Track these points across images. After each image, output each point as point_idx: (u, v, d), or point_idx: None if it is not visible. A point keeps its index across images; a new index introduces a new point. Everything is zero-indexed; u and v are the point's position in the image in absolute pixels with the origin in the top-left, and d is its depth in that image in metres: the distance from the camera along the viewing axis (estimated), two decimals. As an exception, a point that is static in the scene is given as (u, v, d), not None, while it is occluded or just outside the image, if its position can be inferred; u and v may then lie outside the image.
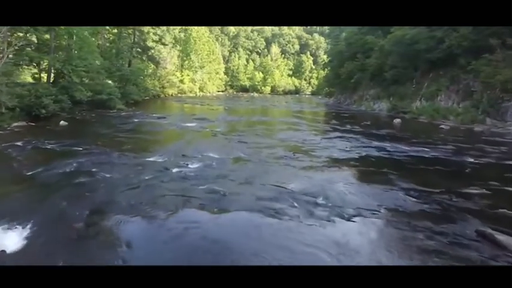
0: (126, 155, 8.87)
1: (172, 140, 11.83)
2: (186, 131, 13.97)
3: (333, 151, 10.23)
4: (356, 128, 16.55)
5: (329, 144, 11.47)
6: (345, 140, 12.57)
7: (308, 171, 7.84)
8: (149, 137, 12.09)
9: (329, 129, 15.82)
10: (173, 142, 11.34)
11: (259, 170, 7.75)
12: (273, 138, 12.64)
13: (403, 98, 25.98)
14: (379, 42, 30.10)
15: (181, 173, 7.31)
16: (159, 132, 13.31)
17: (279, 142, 11.66)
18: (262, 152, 9.70)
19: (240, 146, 10.54)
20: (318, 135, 13.70)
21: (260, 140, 11.95)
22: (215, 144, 10.91)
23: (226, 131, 14.00)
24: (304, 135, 13.52)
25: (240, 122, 17.84)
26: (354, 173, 7.88)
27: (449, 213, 5.29)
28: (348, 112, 27.07)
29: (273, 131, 14.58)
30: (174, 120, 17.82)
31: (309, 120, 19.91)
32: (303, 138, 12.77)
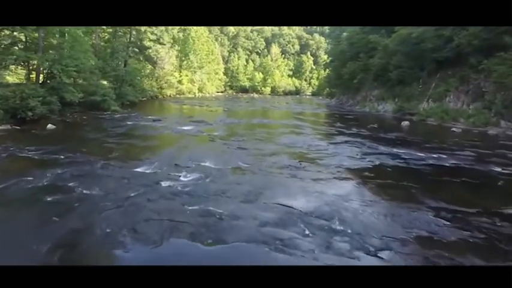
0: (112, 165, 7.89)
1: (165, 146, 10.85)
2: (181, 135, 12.99)
3: (343, 159, 9.24)
4: (363, 131, 15.57)
5: (337, 151, 10.50)
6: (353, 145, 11.60)
7: (317, 184, 6.86)
8: (141, 142, 11.11)
9: (334, 133, 14.84)
10: (166, 149, 10.36)
11: (261, 184, 6.76)
12: (276, 143, 11.67)
13: (409, 99, 25.02)
14: (383, 41, 29.15)
15: (171, 187, 6.33)
16: (152, 137, 12.33)
17: (283, 148, 10.68)
18: (264, 161, 8.72)
19: (239, 153, 9.57)
20: (323, 140, 12.73)
21: (262, 146, 10.98)
22: (212, 151, 9.93)
23: (224, 135, 13.02)
24: (309, 140, 12.55)
25: (239, 125, 16.87)
26: (370, 186, 6.90)
27: (497, 244, 4.32)
28: (351, 114, 26.11)
29: (275, 135, 13.60)
30: (170, 123, 16.84)
31: (312, 123, 18.95)
32: (308, 143, 11.80)
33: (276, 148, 10.68)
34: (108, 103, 21.93)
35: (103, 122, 16.24)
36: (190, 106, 30.77)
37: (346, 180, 7.27)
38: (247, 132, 14.27)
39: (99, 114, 20.00)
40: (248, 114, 24.91)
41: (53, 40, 18.58)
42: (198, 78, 56.20)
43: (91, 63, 22.53)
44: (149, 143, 10.94)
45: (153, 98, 39.03)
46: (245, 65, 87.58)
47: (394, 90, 27.35)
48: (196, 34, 58.03)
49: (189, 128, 14.97)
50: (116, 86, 28.04)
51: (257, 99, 52.02)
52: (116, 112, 21.37)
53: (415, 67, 25.47)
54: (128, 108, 24.28)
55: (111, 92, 23.16)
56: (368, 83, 32.56)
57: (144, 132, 13.39)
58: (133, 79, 31.72)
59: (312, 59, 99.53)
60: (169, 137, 12.70)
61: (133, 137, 12.16)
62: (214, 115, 22.60)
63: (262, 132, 14.50)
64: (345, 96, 38.50)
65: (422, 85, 24.73)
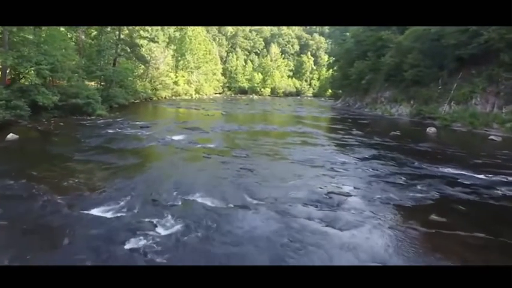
0: (59, 201, 5.41)
1: (146, 166, 8.32)
2: (170, 148, 10.46)
3: (386, 188, 6.74)
4: (387, 140, 13.12)
5: (371, 172, 8.01)
6: (386, 162, 9.12)
7: (373, 245, 4.36)
8: (116, 160, 8.58)
9: (355, 143, 12.37)
10: (146, 171, 7.83)
11: (283, 243, 4.26)
12: (289, 160, 9.17)
13: (427, 102, 22.61)
14: (395, 38, 26.77)
15: (137, 253, 3.83)
16: (133, 152, 9.81)
17: (300, 169, 8.18)
18: (280, 193, 6.21)
19: (244, 180, 7.05)
20: (346, 154, 10.24)
21: (272, 166, 8.49)
22: (207, 175, 7.41)
23: (223, 149, 10.51)
24: (329, 154, 10.07)
25: (240, 134, 14.36)
26: (451, 244, 4.41)
27: None
28: (363, 117, 23.66)
29: (286, 148, 11.11)
30: (160, 130, 14.32)
31: (324, 130, 16.47)
32: (330, 159, 9.32)
33: (290, 168, 8.18)
34: (92, 107, 19.42)
35: (80, 130, 13.71)
36: (185, 109, 28.22)
37: (412, 231, 4.75)
38: (250, 143, 11.76)
39: (81, 119, 17.52)
40: (249, 118, 22.39)
41: (27, 35, 16.05)
42: (195, 79, 53.62)
43: (72, 62, 20.02)
44: (126, 162, 8.40)
45: (147, 100, 36.47)
46: (244, 66, 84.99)
47: (409, 92, 24.94)
48: (193, 33, 55.45)
49: (181, 137, 12.46)
50: (103, 87, 25.53)
51: (257, 101, 49.49)
52: (101, 117, 18.86)
53: (433, 66, 23.09)
54: (116, 112, 21.78)
55: (96, 94, 20.60)
56: (378, 84, 30.15)
57: (125, 144, 10.85)
58: (124, 80, 29.17)
59: (312, 59, 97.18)
60: (154, 151, 10.16)
61: (109, 152, 9.62)
62: (211, 120, 20.07)
63: (268, 143, 11.99)
64: (352, 98, 36.07)
65: (442, 86, 22.34)
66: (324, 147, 11.50)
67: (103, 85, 26.87)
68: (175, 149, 10.24)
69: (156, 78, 41.96)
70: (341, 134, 14.73)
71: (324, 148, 11.37)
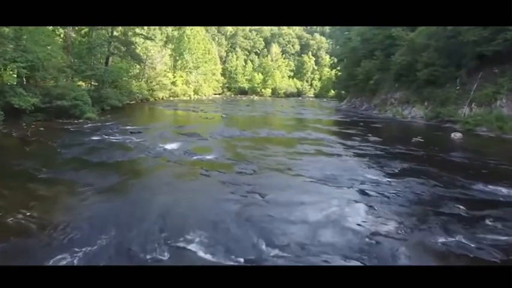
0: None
1: (127, 189, 6.54)
2: (161, 161, 8.73)
3: (450, 227, 4.96)
4: (413, 149, 11.41)
5: (415, 198, 6.28)
6: (427, 181, 7.36)
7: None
8: (91, 178, 6.84)
9: (377, 153, 10.66)
10: (125, 197, 6.07)
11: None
12: (306, 177, 7.44)
13: (443, 103, 20.89)
14: (407, 35, 25.06)
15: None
16: (115, 166, 8.07)
17: (322, 191, 6.46)
18: (303, 231, 4.51)
19: (253, 211, 5.32)
20: (371, 168, 8.50)
21: (286, 186, 6.76)
22: (205, 204, 5.66)
23: (224, 162, 8.77)
24: (352, 169, 8.34)
25: (243, 141, 12.63)
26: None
27: None
28: (374, 120, 21.94)
29: (298, 159, 9.39)
30: (152, 137, 12.60)
31: (336, 135, 14.74)
32: (354, 175, 7.59)
33: (311, 191, 6.45)
34: (80, 109, 17.78)
35: (61, 137, 11.99)
36: (183, 111, 26.49)
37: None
38: (255, 154, 10.04)
39: (66, 123, 15.83)
40: (251, 122, 20.63)
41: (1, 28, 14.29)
42: (193, 79, 51.90)
43: (57, 60, 18.30)
44: (103, 182, 6.64)
45: (143, 101, 34.76)
46: (244, 66, 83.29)
47: (422, 93, 23.23)
48: (191, 32, 53.75)
49: (175, 146, 10.73)
50: (94, 88, 23.80)
51: (258, 102, 47.72)
52: (90, 120, 17.20)
53: (450, 65, 21.40)
54: (107, 114, 20.07)
55: (85, 95, 18.86)
56: (387, 84, 28.45)
57: (108, 155, 9.11)
58: (118, 80, 27.47)
59: (313, 59, 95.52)
60: (141, 166, 8.40)
61: (86, 167, 7.88)
62: (210, 124, 18.33)
63: (277, 153, 10.26)
64: (358, 99, 34.34)
65: (460, 86, 20.63)
66: (343, 159, 9.77)
67: (95, 85, 25.16)
68: (167, 163, 8.50)
69: (153, 79, 40.23)
70: (357, 141, 13.00)
71: (342, 160, 9.64)
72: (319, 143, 12.29)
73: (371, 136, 13.98)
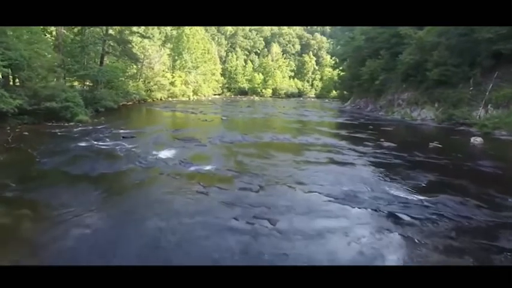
0: None
1: (107, 212, 5.38)
2: (152, 174, 7.60)
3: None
4: (433, 157, 10.30)
5: (466, 225, 5.15)
6: (465, 200, 6.21)
7: None
8: (67, 196, 5.72)
9: (396, 162, 9.54)
10: (103, 224, 4.96)
11: None
12: (321, 194, 6.31)
13: (455, 104, 19.76)
14: (415, 34, 23.92)
15: None
16: (98, 180, 6.94)
17: (343, 214, 5.33)
18: (333, 273, 3.36)
19: (263, 245, 4.19)
20: (394, 181, 7.35)
21: (299, 207, 5.63)
22: (203, 234, 4.50)
23: (225, 174, 7.62)
24: (372, 183, 7.20)
25: (246, 147, 11.50)
26: None
27: None
28: (383, 123, 20.80)
29: (309, 170, 8.25)
30: (145, 142, 11.48)
31: (346, 140, 13.58)
32: (377, 192, 6.47)
33: (329, 214, 5.31)
34: (71, 111, 16.74)
35: (45, 143, 10.90)
36: (181, 113, 25.35)
37: None
38: (260, 163, 8.90)
39: (55, 126, 14.77)
40: (253, 125, 19.49)
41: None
42: (192, 80, 50.71)
43: (47, 59, 17.18)
44: (80, 203, 5.50)
45: (140, 102, 33.62)
46: (244, 66, 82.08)
47: (432, 93, 22.11)
48: (190, 31, 52.60)
49: (170, 154, 9.62)
50: (88, 89, 22.68)
51: (258, 103, 46.56)
52: (81, 123, 16.11)
53: (463, 64, 20.28)
54: (101, 117, 18.97)
55: (76, 96, 17.78)
56: (394, 85, 27.32)
57: (93, 166, 7.98)
58: (114, 80, 26.33)
59: (314, 59, 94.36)
60: (129, 180, 7.24)
61: (64, 181, 6.76)
62: (210, 127, 17.20)
63: (284, 162, 9.13)
64: (363, 100, 33.19)
65: (474, 86, 19.51)
66: (358, 169, 8.64)
67: (90, 86, 24.04)
68: (159, 176, 7.36)
69: (151, 79, 39.08)
70: (369, 147, 11.88)
71: (358, 170, 8.50)
72: (329, 150, 11.16)
73: (384, 141, 12.85)
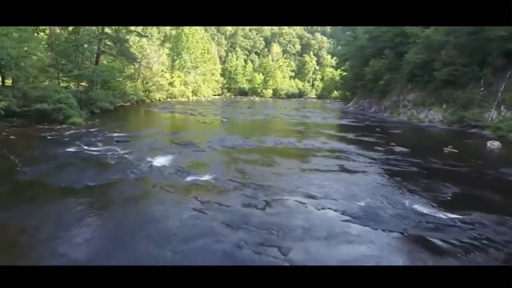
0: None
1: (85, 238, 4.59)
2: (143, 185, 6.78)
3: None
4: (451, 164, 9.51)
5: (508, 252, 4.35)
6: (508, 220, 5.43)
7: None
8: (39, 217, 4.90)
9: (413, 172, 8.74)
10: (79, 254, 4.14)
11: None
12: (337, 212, 5.51)
13: (465, 106, 18.97)
14: (422, 32, 23.11)
15: None
16: (81, 194, 6.11)
17: (367, 237, 4.51)
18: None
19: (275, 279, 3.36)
20: (417, 196, 6.54)
21: (314, 228, 4.81)
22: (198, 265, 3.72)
23: (226, 186, 6.80)
24: (393, 198, 6.38)
25: (248, 153, 10.68)
26: None
27: None
28: (390, 125, 19.99)
29: (320, 180, 7.45)
30: (140, 147, 10.67)
31: (354, 144, 12.72)
32: (401, 210, 5.66)
33: (352, 237, 4.49)
34: (64, 113, 15.94)
35: (30, 148, 10.11)
36: (179, 114, 24.52)
37: None
38: (264, 172, 8.10)
39: (46, 129, 14.01)
40: (255, 127, 18.66)
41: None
42: (192, 80, 49.85)
43: (39, 58, 16.37)
44: (50, 229, 4.67)
45: (138, 103, 32.78)
46: (244, 66, 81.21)
47: (440, 94, 21.32)
48: (190, 31, 51.71)
49: (165, 161, 8.80)
50: (83, 90, 21.84)
51: (259, 104, 45.75)
52: (74, 126, 15.32)
53: (472, 63, 19.48)
54: (95, 119, 18.18)
55: (70, 97, 16.94)
56: (399, 85, 26.51)
57: (78, 177, 7.15)
58: (111, 80, 25.48)
59: (314, 59, 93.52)
60: (115, 194, 6.39)
61: (40, 196, 5.95)
62: (209, 130, 16.38)
63: (291, 171, 8.31)
64: (367, 101, 32.38)
65: (485, 87, 18.72)
66: (373, 179, 7.82)
67: (85, 86, 23.20)
68: (152, 189, 6.54)
69: (149, 79, 38.24)
70: (380, 152, 11.08)
71: (374, 180, 7.69)
72: (337, 156, 10.34)
73: (395, 145, 12.04)
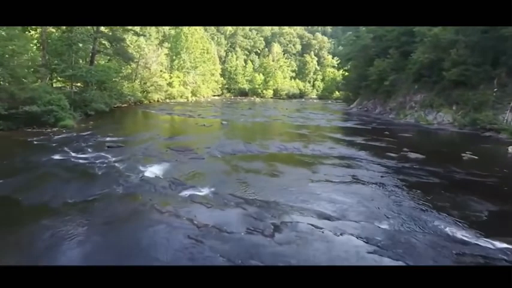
0: None
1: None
2: (132, 203, 5.88)
3: None
4: (476, 174, 8.61)
5: None
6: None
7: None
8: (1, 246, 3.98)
9: (435, 183, 7.84)
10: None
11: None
12: (357, 239, 4.61)
13: (477, 108, 18.07)
14: (429, 30, 22.22)
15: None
16: (57, 214, 5.20)
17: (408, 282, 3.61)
18: None
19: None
20: (451, 217, 5.63)
21: (336, 262, 3.90)
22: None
23: (224, 203, 5.89)
24: (423, 219, 5.48)
25: (249, 160, 9.78)
26: None
27: None
28: (399, 128, 19.05)
29: (331, 196, 6.55)
30: (133, 154, 9.76)
31: (366, 151, 11.75)
32: (441, 239, 4.79)
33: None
34: (55, 115, 15.05)
35: (11, 155, 9.32)
36: (178, 116, 23.60)
37: None
38: (269, 184, 7.20)
39: (34, 133, 13.17)
40: (257, 131, 17.74)
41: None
42: (191, 80, 48.94)
43: (30, 57, 15.48)
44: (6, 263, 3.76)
45: (136, 104, 31.87)
46: (244, 66, 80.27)
47: (450, 95, 20.44)
48: (189, 30, 50.83)
49: (159, 171, 7.91)
50: (77, 90, 20.92)
51: (260, 105, 44.82)
52: (65, 129, 14.51)
53: (484, 63, 18.59)
54: (89, 121, 17.32)
55: (62, 99, 16.03)
56: (405, 86, 25.62)
57: (57, 191, 6.25)
58: (106, 81, 24.55)
59: (315, 59, 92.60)
60: (99, 213, 5.47)
61: (8, 218, 5.03)
62: (208, 134, 15.47)
63: (300, 183, 7.40)
64: (371, 102, 31.45)
65: (498, 87, 17.84)
66: (393, 193, 6.92)
67: (80, 87, 22.28)
68: (141, 208, 5.62)
69: (147, 79, 37.31)
70: (394, 159, 10.18)
71: (394, 195, 6.79)
72: (348, 164, 9.43)
73: (408, 151, 11.15)
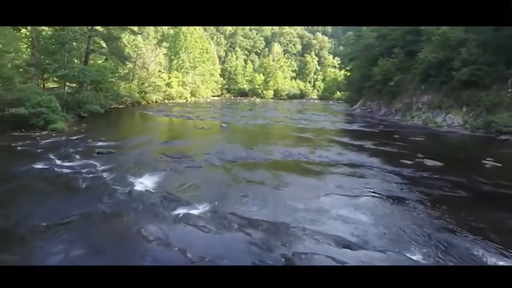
0: None
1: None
2: (116, 224, 5.00)
3: None
4: (505, 185, 7.71)
5: None
6: None
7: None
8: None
9: (463, 197, 6.98)
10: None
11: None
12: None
13: (490, 109, 17.21)
14: (437, 29, 21.35)
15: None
16: (22, 244, 4.32)
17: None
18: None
19: None
20: (502, 247, 4.78)
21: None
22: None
23: (223, 227, 5.00)
24: (472, 252, 4.61)
25: (251, 169, 8.90)
26: None
27: None
28: (408, 131, 18.17)
29: (348, 213, 5.69)
30: (123, 161, 8.89)
31: (377, 157, 10.85)
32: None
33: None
34: (45, 118, 14.22)
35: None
36: (176, 118, 22.69)
37: None
38: (274, 199, 6.33)
39: (20, 137, 12.45)
40: (259, 135, 16.82)
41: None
42: (190, 81, 48.04)
43: (18, 56, 14.60)
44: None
45: (134, 105, 30.98)
46: (244, 66, 79.36)
47: (460, 96, 19.56)
48: (188, 30, 49.94)
49: (152, 182, 7.04)
50: (71, 91, 20.05)
51: (260, 106, 43.91)
52: (56, 132, 13.70)
53: (497, 63, 17.74)
54: (82, 123, 16.46)
55: (52, 100, 15.19)
56: (411, 86, 24.75)
57: (31, 209, 5.37)
58: (102, 81, 23.68)
59: (316, 59, 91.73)
60: (73, 238, 4.57)
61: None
62: (207, 138, 14.58)
63: (309, 197, 6.52)
64: (375, 103, 30.57)
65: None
66: (416, 210, 6.05)
67: (75, 88, 21.40)
68: (125, 232, 4.73)
69: (145, 80, 36.42)
70: (410, 167, 9.30)
71: (418, 212, 5.92)
72: (360, 173, 8.54)
73: (423, 158, 10.28)
